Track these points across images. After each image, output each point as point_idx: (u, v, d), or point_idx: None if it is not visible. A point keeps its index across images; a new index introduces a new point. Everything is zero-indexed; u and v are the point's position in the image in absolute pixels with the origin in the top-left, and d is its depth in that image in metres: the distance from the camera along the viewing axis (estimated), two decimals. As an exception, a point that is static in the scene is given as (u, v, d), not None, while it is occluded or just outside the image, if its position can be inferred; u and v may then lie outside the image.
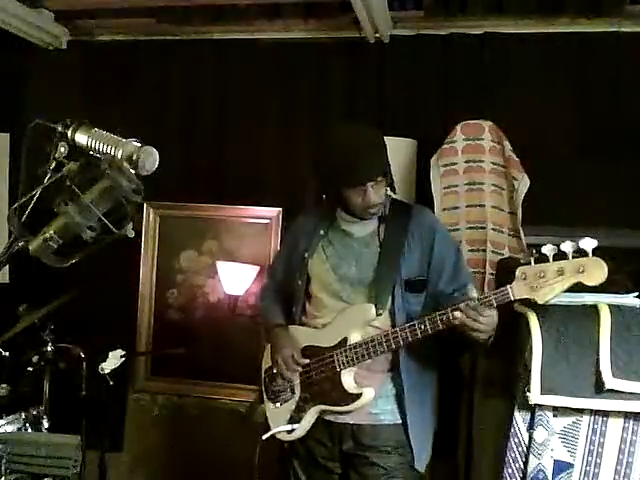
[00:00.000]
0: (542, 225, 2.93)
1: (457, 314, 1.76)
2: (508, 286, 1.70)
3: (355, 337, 1.97)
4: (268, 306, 2.32)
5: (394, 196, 2.16)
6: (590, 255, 1.56)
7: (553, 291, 1.62)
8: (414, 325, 1.86)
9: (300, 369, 2.08)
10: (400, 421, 2.01)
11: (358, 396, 1.96)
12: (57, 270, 1.30)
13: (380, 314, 1.95)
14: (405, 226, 2.02)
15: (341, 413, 2.02)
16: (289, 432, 2.08)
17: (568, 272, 1.58)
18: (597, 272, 1.56)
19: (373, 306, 1.96)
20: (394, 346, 1.90)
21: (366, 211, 2.01)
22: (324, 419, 2.07)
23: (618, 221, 2.91)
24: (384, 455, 2.00)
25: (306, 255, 2.14)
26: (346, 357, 1.97)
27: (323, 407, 2.03)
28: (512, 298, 1.70)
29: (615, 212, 2.91)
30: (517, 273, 1.67)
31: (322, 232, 2.13)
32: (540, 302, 1.67)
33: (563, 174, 2.96)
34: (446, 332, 1.84)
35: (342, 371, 1.97)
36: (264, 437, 2.09)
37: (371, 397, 1.96)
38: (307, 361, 2.07)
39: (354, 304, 2.02)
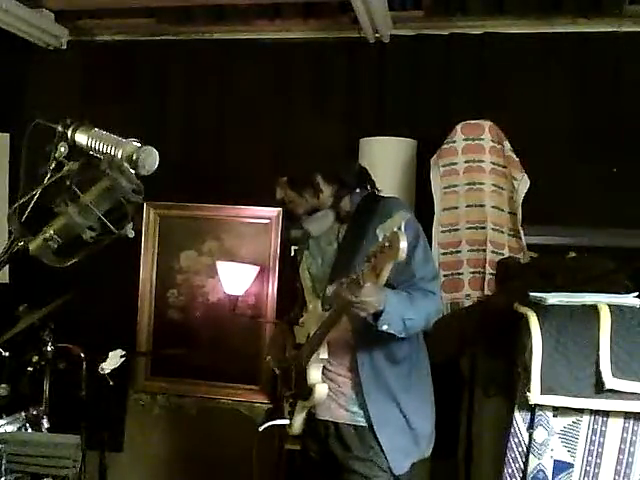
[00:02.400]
0: (542, 225, 2.94)
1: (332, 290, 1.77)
2: (360, 270, 1.65)
3: (313, 332, 1.99)
4: (290, 311, 2.39)
5: (381, 193, 2.13)
6: (398, 230, 1.49)
7: (383, 271, 1.55)
8: (330, 312, 1.88)
9: (272, 362, 2.15)
10: (370, 423, 1.97)
11: (312, 391, 1.97)
12: (57, 270, 1.30)
13: (327, 309, 1.95)
14: (368, 221, 1.98)
15: (321, 409, 2.03)
16: (289, 426, 2.11)
17: (384, 249, 1.51)
18: (395, 245, 1.46)
19: (319, 302, 2.00)
20: (325, 332, 1.89)
21: None
22: (313, 415, 2.08)
23: (618, 221, 2.91)
24: (362, 462, 1.97)
25: (299, 258, 2.21)
26: (305, 351, 2.01)
27: (302, 402, 2.06)
28: (361, 282, 1.64)
29: (615, 212, 2.92)
30: (367, 256, 1.61)
31: (308, 233, 2.16)
32: (380, 284, 1.61)
33: (563, 174, 2.97)
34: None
35: (307, 366, 1.98)
36: (260, 428, 2.14)
37: (323, 393, 1.97)
38: (288, 355, 2.14)
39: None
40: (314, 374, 1.98)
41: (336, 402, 2.01)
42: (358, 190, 2.07)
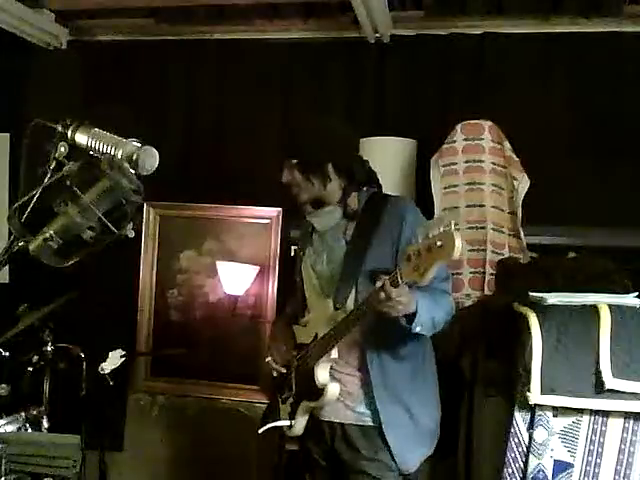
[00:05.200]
0: (542, 225, 2.94)
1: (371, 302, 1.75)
2: (397, 269, 1.66)
3: (322, 332, 1.96)
4: (285, 310, 2.37)
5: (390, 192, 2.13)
6: (450, 229, 1.48)
7: (429, 270, 1.54)
8: (351, 312, 1.86)
9: (277, 364, 2.11)
10: (377, 423, 1.96)
11: (323, 390, 1.94)
12: (57, 270, 1.30)
13: (338, 308, 1.93)
14: (377, 219, 1.97)
15: (326, 410, 2.01)
16: (289, 428, 2.08)
17: (432, 248, 1.51)
18: (449, 244, 1.46)
19: (331, 301, 1.96)
20: (342, 335, 1.88)
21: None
22: (316, 416, 2.06)
23: (618, 221, 2.91)
24: (370, 462, 1.95)
25: (300, 254, 2.18)
26: (315, 351, 1.97)
27: (307, 403, 2.03)
28: (400, 281, 1.64)
29: (615, 212, 2.92)
30: (406, 255, 1.62)
31: (311, 229, 2.13)
32: (423, 283, 1.59)
33: (563, 174, 2.97)
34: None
35: (315, 366, 1.96)
36: (260, 431, 2.12)
37: (335, 392, 1.94)
38: (290, 355, 2.10)
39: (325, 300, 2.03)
40: (323, 374, 1.95)
41: (342, 403, 1.99)
42: (365, 188, 2.05)
